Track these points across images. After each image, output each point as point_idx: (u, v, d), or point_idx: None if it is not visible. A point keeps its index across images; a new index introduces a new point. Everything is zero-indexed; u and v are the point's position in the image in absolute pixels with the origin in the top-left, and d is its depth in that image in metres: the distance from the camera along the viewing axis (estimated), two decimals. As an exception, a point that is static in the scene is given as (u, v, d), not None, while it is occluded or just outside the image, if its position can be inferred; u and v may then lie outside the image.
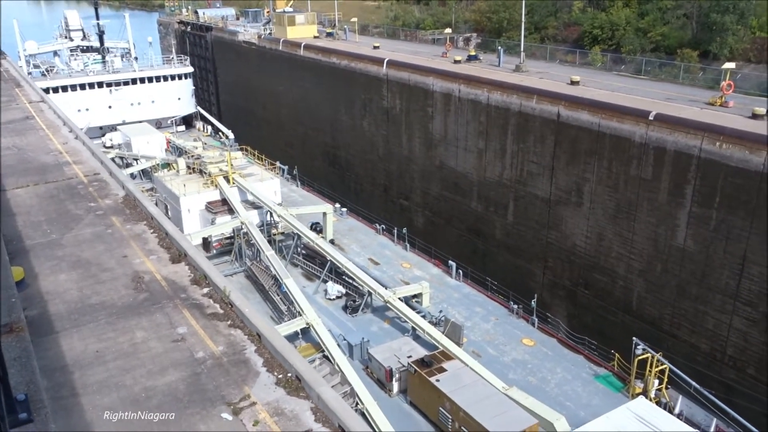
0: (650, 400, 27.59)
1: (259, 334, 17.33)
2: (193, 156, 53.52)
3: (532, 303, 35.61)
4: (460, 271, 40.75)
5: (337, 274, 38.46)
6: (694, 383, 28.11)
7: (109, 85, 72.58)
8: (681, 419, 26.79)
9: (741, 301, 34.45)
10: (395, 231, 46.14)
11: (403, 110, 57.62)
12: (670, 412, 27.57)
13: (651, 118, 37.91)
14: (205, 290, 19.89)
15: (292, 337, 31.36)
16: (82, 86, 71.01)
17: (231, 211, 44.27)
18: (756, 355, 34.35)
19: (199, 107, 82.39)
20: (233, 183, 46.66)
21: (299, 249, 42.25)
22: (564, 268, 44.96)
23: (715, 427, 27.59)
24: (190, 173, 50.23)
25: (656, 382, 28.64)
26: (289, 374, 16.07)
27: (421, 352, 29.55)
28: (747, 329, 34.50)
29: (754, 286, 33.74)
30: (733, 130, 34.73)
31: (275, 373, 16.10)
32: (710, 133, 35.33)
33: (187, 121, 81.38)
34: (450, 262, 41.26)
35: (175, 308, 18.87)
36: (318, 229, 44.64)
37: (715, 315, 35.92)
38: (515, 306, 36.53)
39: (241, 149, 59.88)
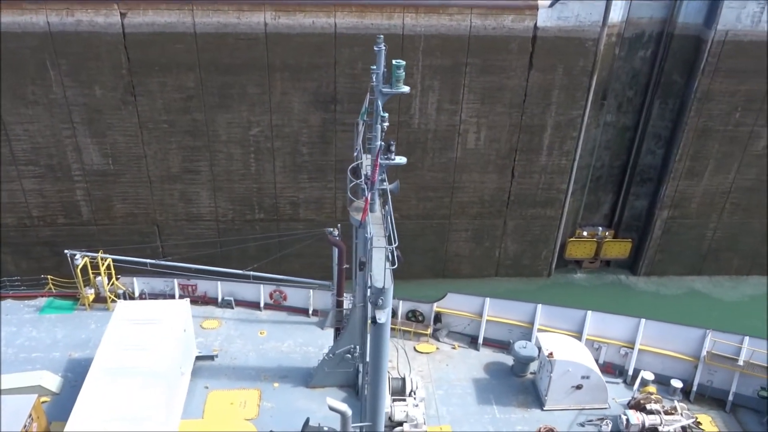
0: (109, 298, 27.57)
1: None
2: None
3: None
4: None
5: None
6: (131, 257, 27.64)
7: None
8: (145, 297, 27.84)
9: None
10: None
11: None
12: (132, 297, 28.09)
13: None
14: None
15: None
16: None
17: None
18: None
19: None
20: None
21: None
22: None
23: (179, 286, 28.44)
24: None
25: (106, 279, 27.71)
26: None
27: None
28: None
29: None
30: None
31: None
32: None
33: None
34: None
35: None
36: None
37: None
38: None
39: None
